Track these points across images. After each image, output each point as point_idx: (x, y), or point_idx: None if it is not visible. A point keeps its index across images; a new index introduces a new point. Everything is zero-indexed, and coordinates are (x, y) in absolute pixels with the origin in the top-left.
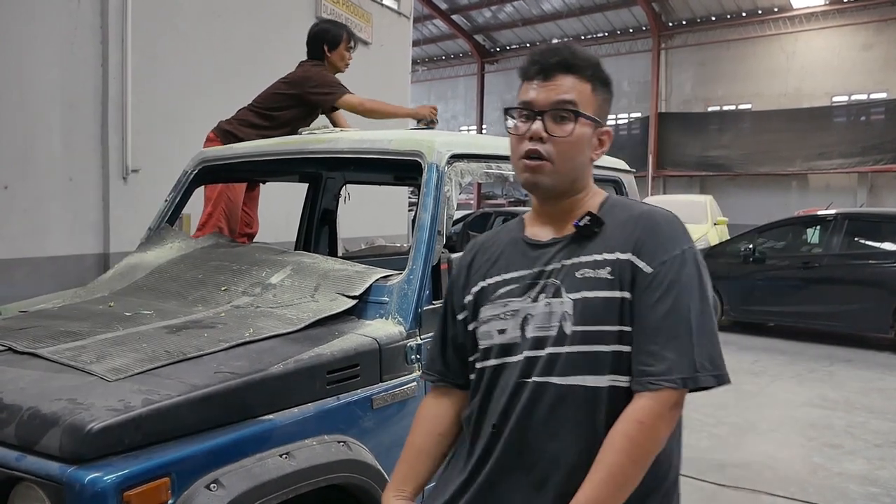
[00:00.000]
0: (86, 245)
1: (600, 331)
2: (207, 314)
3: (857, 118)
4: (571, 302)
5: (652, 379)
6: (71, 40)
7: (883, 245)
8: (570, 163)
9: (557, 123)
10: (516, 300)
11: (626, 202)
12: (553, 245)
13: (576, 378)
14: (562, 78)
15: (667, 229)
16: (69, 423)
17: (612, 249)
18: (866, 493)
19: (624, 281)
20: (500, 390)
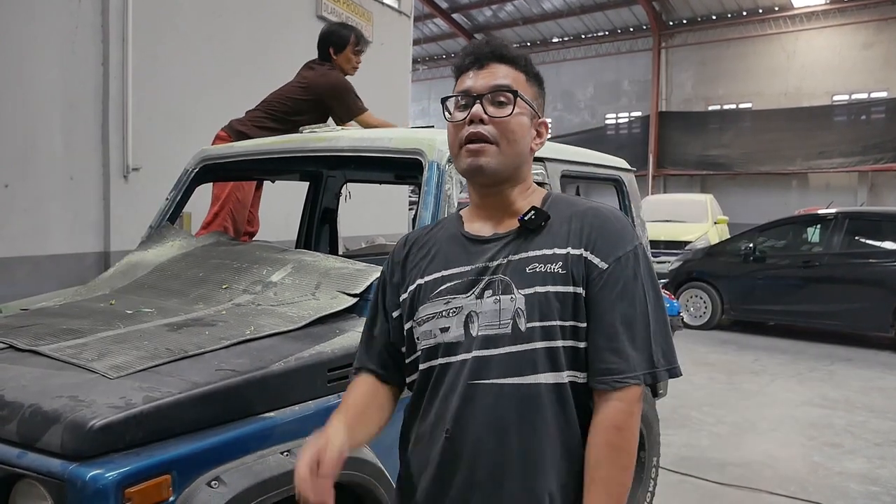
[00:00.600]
0: (86, 244)
1: (555, 326)
2: (208, 312)
3: (858, 117)
4: (523, 298)
5: (618, 377)
6: (71, 39)
7: (883, 244)
8: (514, 146)
9: (496, 107)
10: (459, 297)
11: (568, 198)
12: (496, 240)
13: (536, 376)
14: (496, 66)
15: (617, 226)
16: (71, 420)
17: (561, 244)
18: (866, 492)
19: (577, 276)
20: (448, 393)
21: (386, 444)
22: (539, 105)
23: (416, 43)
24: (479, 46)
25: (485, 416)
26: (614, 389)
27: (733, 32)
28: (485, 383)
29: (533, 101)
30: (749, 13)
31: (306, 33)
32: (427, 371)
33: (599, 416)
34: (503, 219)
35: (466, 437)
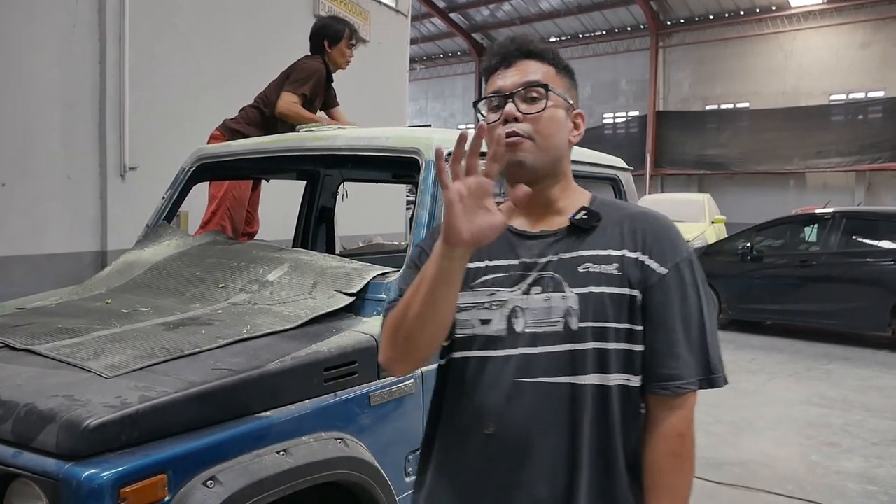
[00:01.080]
0: (84, 243)
1: (608, 327)
2: (205, 311)
3: (855, 117)
4: (576, 296)
5: (679, 383)
6: (69, 39)
7: (880, 243)
8: (551, 140)
9: (529, 103)
10: (504, 290)
11: (614, 201)
12: (544, 237)
13: (586, 377)
14: (524, 62)
15: (671, 232)
16: (66, 419)
17: (615, 246)
18: (864, 492)
19: (633, 279)
20: (489, 389)
21: (382, 444)
22: (573, 96)
23: (413, 42)
24: (504, 45)
25: (531, 415)
26: (676, 396)
27: (731, 32)
28: (532, 381)
29: (566, 93)
30: (746, 13)
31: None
32: (461, 361)
33: (661, 423)
34: (546, 216)
35: (511, 435)
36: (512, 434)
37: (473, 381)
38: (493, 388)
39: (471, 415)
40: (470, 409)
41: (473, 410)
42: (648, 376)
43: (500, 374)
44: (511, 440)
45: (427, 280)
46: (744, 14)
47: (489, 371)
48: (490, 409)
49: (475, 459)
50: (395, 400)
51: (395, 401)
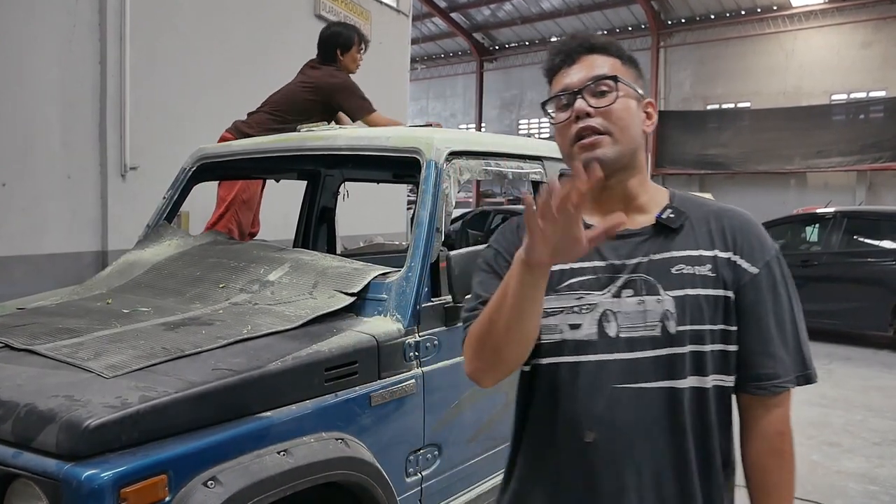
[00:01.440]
0: (84, 243)
1: (705, 330)
2: (205, 311)
3: (856, 116)
4: (672, 300)
5: (777, 382)
6: (69, 38)
7: (882, 243)
8: (627, 131)
9: (599, 97)
10: (593, 293)
11: (691, 196)
12: (630, 237)
13: (685, 380)
14: (589, 57)
15: (758, 229)
16: (66, 419)
17: (706, 246)
18: (865, 492)
19: (726, 279)
20: (587, 396)
21: (383, 444)
22: (641, 86)
23: (414, 42)
24: (566, 43)
25: (633, 421)
26: (774, 395)
27: (732, 32)
28: (632, 387)
29: (634, 83)
30: (748, 12)
31: (305, 32)
32: (550, 367)
33: (761, 422)
34: (627, 212)
35: (614, 443)
36: (614, 441)
37: (567, 387)
38: (591, 395)
39: (567, 423)
40: (565, 416)
41: (570, 418)
42: (744, 376)
43: (596, 380)
44: (613, 447)
45: (511, 295)
46: (745, 14)
47: (583, 377)
48: (589, 417)
49: (575, 468)
50: (396, 400)
51: (396, 401)
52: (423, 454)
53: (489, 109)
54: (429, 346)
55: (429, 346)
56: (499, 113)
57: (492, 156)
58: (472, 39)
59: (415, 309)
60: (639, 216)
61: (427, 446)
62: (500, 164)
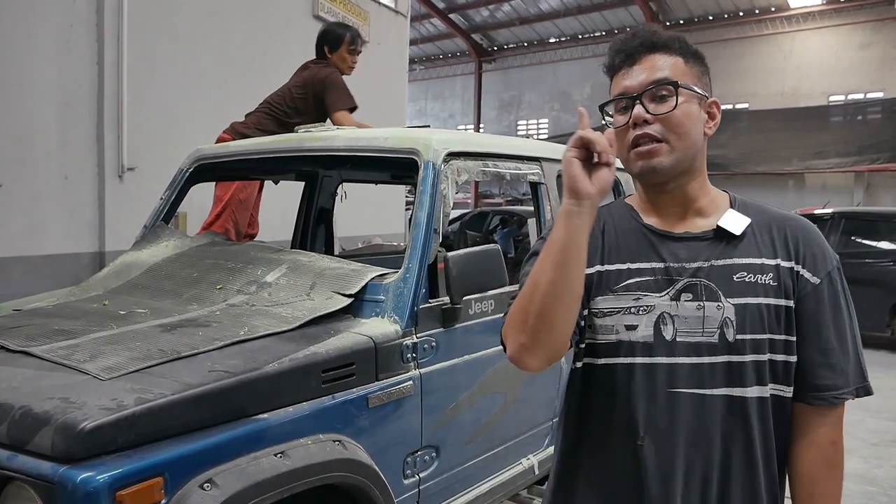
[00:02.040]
0: (82, 243)
1: (765, 339)
2: (202, 313)
3: (854, 117)
4: (733, 308)
5: (836, 393)
6: (67, 38)
7: (880, 244)
8: (686, 139)
9: (658, 103)
10: (651, 295)
11: (752, 202)
12: (691, 240)
13: (744, 389)
14: (649, 58)
15: (820, 239)
16: (61, 422)
17: (769, 255)
18: (863, 492)
19: (788, 289)
20: (641, 398)
21: (380, 446)
22: (705, 84)
23: (412, 43)
24: (626, 41)
25: (687, 427)
26: (832, 406)
27: (730, 33)
28: (687, 392)
29: (696, 84)
30: (746, 14)
31: (303, 33)
32: (604, 368)
33: (815, 432)
34: (686, 215)
35: (666, 447)
36: (665, 446)
37: (621, 389)
38: (644, 398)
39: (620, 424)
40: (619, 417)
41: (623, 419)
42: (803, 386)
43: (650, 383)
44: (664, 452)
45: (556, 243)
46: (743, 15)
47: (638, 379)
48: (642, 420)
49: (626, 470)
50: (394, 402)
51: (394, 402)
52: (420, 456)
53: (488, 110)
54: (426, 347)
55: (426, 347)
56: (497, 114)
57: (489, 157)
58: (471, 40)
59: (412, 310)
60: (699, 219)
61: (425, 448)
62: (497, 164)
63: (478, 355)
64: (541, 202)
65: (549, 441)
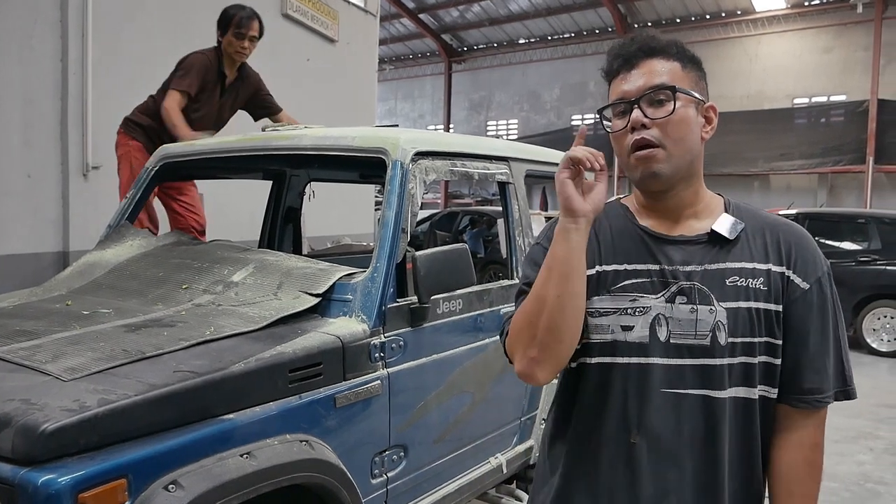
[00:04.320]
0: (45, 243)
1: (754, 342)
2: (167, 312)
3: (818, 120)
4: (725, 312)
5: (820, 396)
6: (30, 35)
7: (842, 244)
8: (683, 144)
9: (656, 107)
10: (647, 297)
11: (747, 206)
12: (685, 243)
13: (734, 390)
14: (647, 62)
15: (812, 245)
16: (22, 424)
17: (761, 259)
18: (826, 488)
19: (778, 293)
20: (630, 397)
21: (348, 446)
22: (702, 89)
23: (382, 43)
24: (625, 46)
25: (679, 427)
26: (815, 408)
27: (697, 35)
28: (680, 393)
29: (694, 89)
30: (712, 16)
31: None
32: (599, 367)
33: (797, 433)
34: (681, 218)
35: (659, 446)
36: (660, 445)
37: (615, 388)
38: (637, 398)
39: (614, 423)
40: (613, 416)
41: (616, 418)
42: (788, 389)
43: (643, 383)
44: (658, 450)
45: (558, 260)
46: (709, 18)
47: (631, 379)
48: (635, 419)
49: (619, 468)
50: (362, 401)
51: (362, 402)
52: (388, 455)
53: (458, 111)
54: (394, 346)
55: (394, 346)
56: (467, 114)
57: (458, 156)
58: (441, 41)
59: (380, 309)
60: (694, 223)
61: (393, 447)
62: (466, 164)
63: (446, 355)
64: (509, 202)
65: (518, 440)
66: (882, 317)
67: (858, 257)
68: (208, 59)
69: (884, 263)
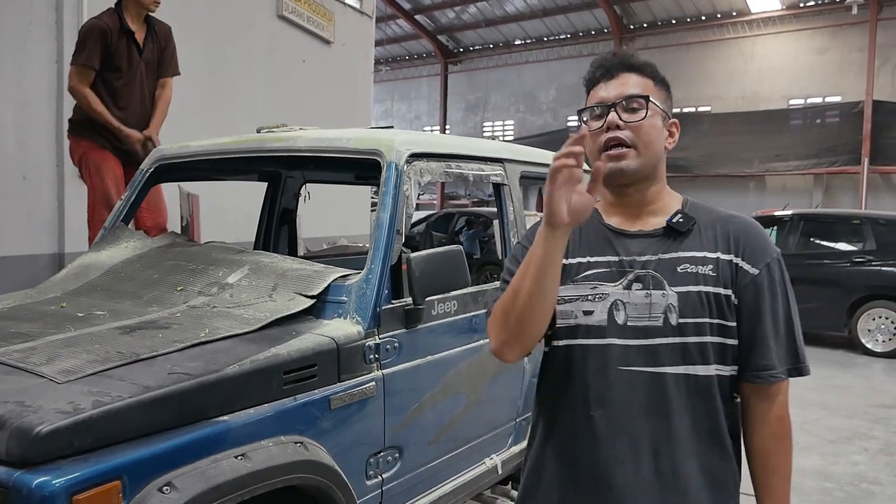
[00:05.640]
0: (41, 245)
1: (704, 323)
2: (162, 314)
3: (813, 121)
4: (676, 295)
5: (772, 373)
6: (25, 37)
7: (837, 245)
8: (651, 146)
9: (630, 113)
10: (606, 285)
11: (703, 204)
12: (642, 237)
13: (685, 367)
14: (625, 75)
15: (761, 234)
16: (16, 426)
17: (710, 248)
18: (820, 489)
19: (726, 279)
20: (593, 375)
21: (343, 447)
22: (668, 107)
23: (378, 44)
24: (607, 59)
25: (633, 401)
26: (770, 384)
27: (692, 36)
28: (634, 370)
29: (662, 105)
30: (708, 18)
31: (267, 33)
32: (565, 349)
33: (760, 408)
34: (641, 216)
35: (612, 418)
36: (615, 417)
37: (578, 367)
38: (597, 375)
39: (576, 398)
40: (576, 392)
41: (579, 394)
42: (744, 367)
43: (602, 361)
44: (614, 422)
45: (535, 261)
46: (705, 19)
47: (592, 359)
48: (594, 394)
49: (582, 439)
50: (356, 403)
51: (356, 403)
52: (383, 457)
53: (454, 112)
54: (389, 348)
55: (389, 348)
56: (463, 115)
57: (453, 158)
58: (437, 42)
59: (375, 311)
60: (653, 219)
61: (387, 449)
62: (461, 166)
63: (441, 356)
64: (504, 203)
65: (513, 441)
66: (877, 317)
67: (854, 258)
68: (103, 23)
69: (879, 264)
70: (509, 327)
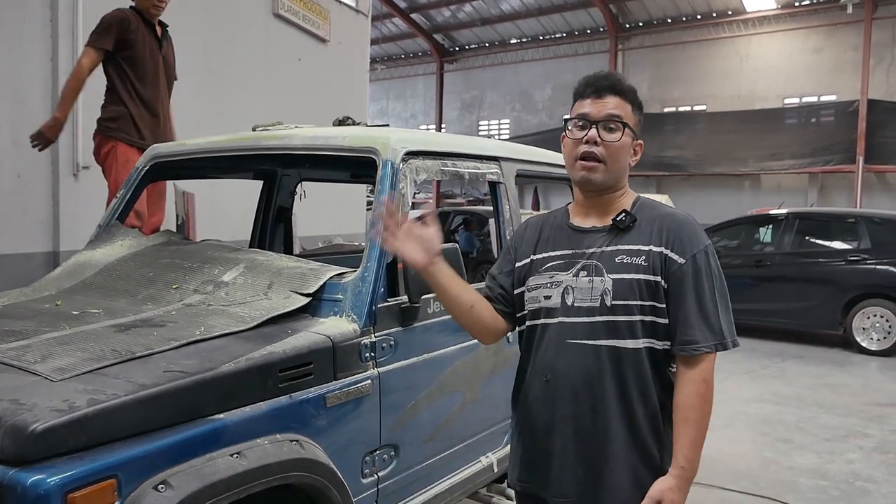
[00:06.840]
0: (36, 243)
1: (634, 304)
2: (158, 312)
3: (808, 120)
4: (611, 281)
5: (694, 346)
6: (19, 34)
7: (832, 244)
8: (618, 164)
9: (608, 132)
10: (561, 274)
11: (652, 203)
12: (594, 232)
13: (615, 341)
14: (611, 97)
15: (691, 230)
16: (11, 424)
17: (645, 242)
18: (816, 486)
19: (656, 268)
20: (546, 347)
21: (339, 445)
22: (639, 129)
23: (374, 42)
24: (598, 79)
25: (575, 367)
26: (693, 356)
27: (688, 35)
28: (576, 342)
29: (635, 128)
30: (703, 17)
31: (263, 31)
32: (532, 328)
33: (687, 374)
34: (601, 215)
35: (560, 382)
36: (561, 381)
37: (538, 342)
38: (551, 347)
39: (536, 367)
40: (535, 362)
41: (537, 364)
42: (674, 341)
43: (555, 336)
44: (561, 386)
45: (437, 294)
46: (701, 18)
47: (548, 334)
48: (546, 363)
49: (540, 400)
50: (352, 401)
51: (352, 402)
52: (379, 455)
53: (449, 110)
54: (385, 346)
55: (385, 346)
56: (459, 114)
57: (448, 156)
58: (433, 40)
59: (371, 309)
60: (606, 217)
61: (383, 447)
62: (456, 164)
63: (436, 354)
64: (499, 202)
65: (508, 439)
66: (872, 316)
67: (848, 256)
68: (125, 14)
69: (874, 263)
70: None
